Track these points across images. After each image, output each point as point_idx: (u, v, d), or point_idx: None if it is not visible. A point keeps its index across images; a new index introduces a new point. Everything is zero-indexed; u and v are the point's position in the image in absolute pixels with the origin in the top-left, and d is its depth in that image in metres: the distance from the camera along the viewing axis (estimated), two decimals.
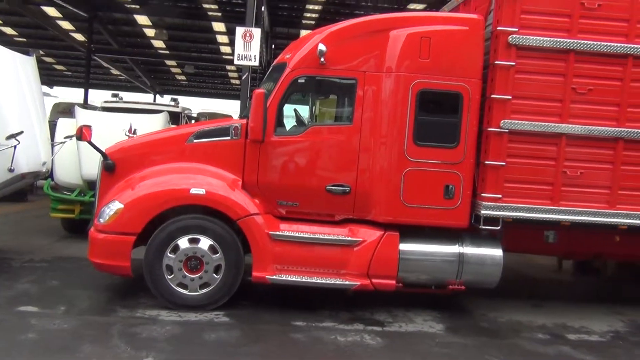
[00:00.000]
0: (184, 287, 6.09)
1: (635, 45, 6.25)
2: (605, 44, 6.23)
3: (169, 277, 6.06)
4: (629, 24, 6.27)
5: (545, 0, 6.24)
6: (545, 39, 6.18)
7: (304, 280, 6.14)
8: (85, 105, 19.26)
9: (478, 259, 6.41)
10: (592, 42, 6.21)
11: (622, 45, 6.25)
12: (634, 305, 7.44)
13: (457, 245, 6.41)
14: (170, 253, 6.05)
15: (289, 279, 6.13)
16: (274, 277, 6.12)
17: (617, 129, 6.30)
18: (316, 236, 6.21)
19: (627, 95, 6.30)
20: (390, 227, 6.29)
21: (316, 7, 19.72)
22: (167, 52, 28.05)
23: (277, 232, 6.17)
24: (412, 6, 18.41)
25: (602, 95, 6.30)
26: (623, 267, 8.07)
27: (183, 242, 6.05)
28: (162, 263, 6.04)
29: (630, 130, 6.30)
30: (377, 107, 6.23)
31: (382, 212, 6.28)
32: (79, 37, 24.72)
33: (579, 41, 6.20)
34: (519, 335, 6.15)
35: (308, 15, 20.86)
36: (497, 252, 6.45)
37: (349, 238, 6.24)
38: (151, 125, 9.10)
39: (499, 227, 6.32)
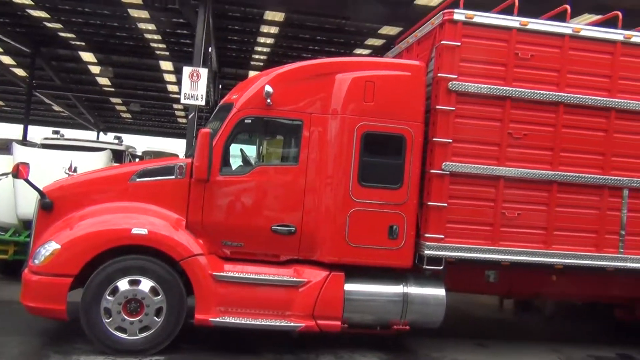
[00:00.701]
0: (123, 331, 5.87)
1: (566, 94, 6.61)
2: (538, 92, 6.57)
3: (107, 320, 5.84)
4: (559, 74, 6.64)
5: (483, 49, 6.55)
6: (482, 86, 6.47)
7: (248, 322, 6.04)
8: (24, 141, 18.65)
9: (422, 299, 6.48)
10: (526, 90, 6.54)
11: (554, 93, 6.60)
12: (571, 343, 7.66)
13: (401, 286, 6.47)
14: (109, 295, 5.84)
15: (232, 321, 6.02)
16: (217, 319, 5.99)
17: (551, 172, 6.59)
18: (261, 277, 6.15)
19: (559, 140, 6.62)
20: (335, 268, 6.30)
21: (264, 49, 20.04)
22: (113, 89, 27.72)
23: (221, 273, 6.07)
24: (358, 51, 19.00)
25: (536, 140, 6.61)
26: (562, 306, 8.33)
27: (123, 284, 5.87)
28: (100, 306, 5.82)
29: (563, 173, 6.60)
30: (323, 148, 6.31)
31: (327, 253, 6.30)
32: (20, 72, 24.14)
33: (514, 89, 6.52)
34: None
35: (256, 56, 21.15)
36: (440, 292, 6.53)
37: (294, 279, 6.21)
38: (93, 163, 8.89)
39: (441, 267, 6.44)
